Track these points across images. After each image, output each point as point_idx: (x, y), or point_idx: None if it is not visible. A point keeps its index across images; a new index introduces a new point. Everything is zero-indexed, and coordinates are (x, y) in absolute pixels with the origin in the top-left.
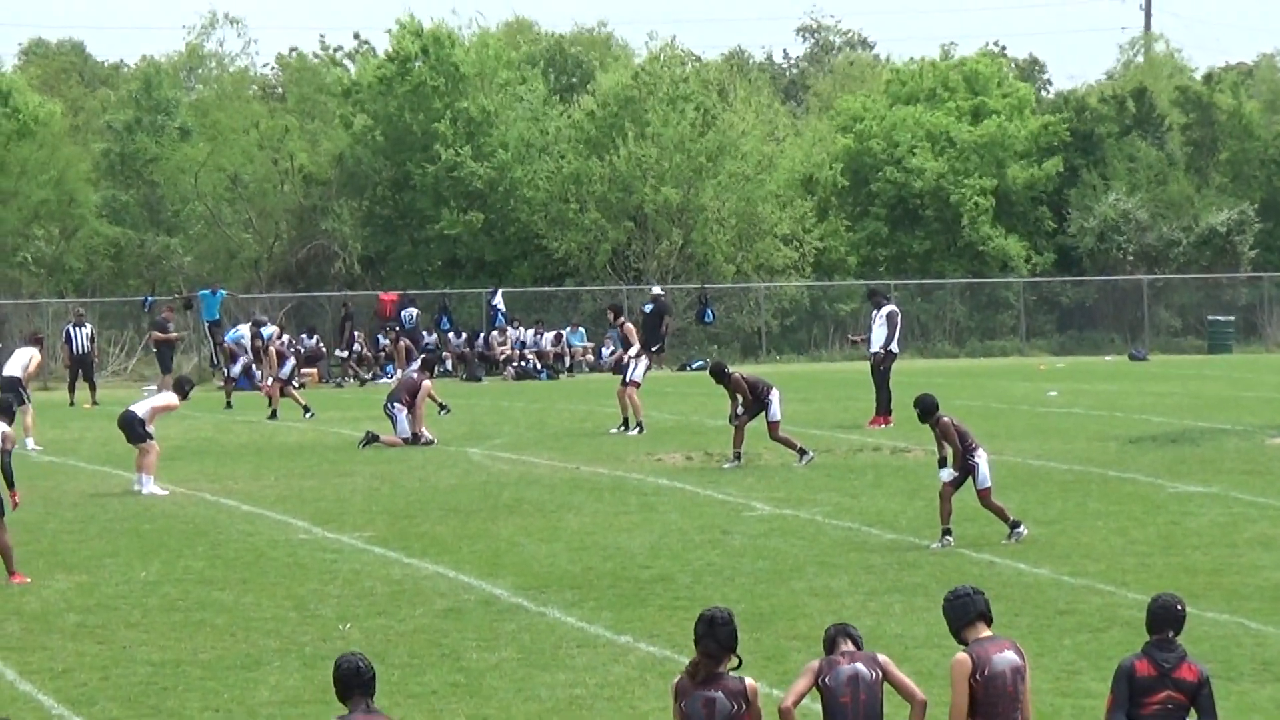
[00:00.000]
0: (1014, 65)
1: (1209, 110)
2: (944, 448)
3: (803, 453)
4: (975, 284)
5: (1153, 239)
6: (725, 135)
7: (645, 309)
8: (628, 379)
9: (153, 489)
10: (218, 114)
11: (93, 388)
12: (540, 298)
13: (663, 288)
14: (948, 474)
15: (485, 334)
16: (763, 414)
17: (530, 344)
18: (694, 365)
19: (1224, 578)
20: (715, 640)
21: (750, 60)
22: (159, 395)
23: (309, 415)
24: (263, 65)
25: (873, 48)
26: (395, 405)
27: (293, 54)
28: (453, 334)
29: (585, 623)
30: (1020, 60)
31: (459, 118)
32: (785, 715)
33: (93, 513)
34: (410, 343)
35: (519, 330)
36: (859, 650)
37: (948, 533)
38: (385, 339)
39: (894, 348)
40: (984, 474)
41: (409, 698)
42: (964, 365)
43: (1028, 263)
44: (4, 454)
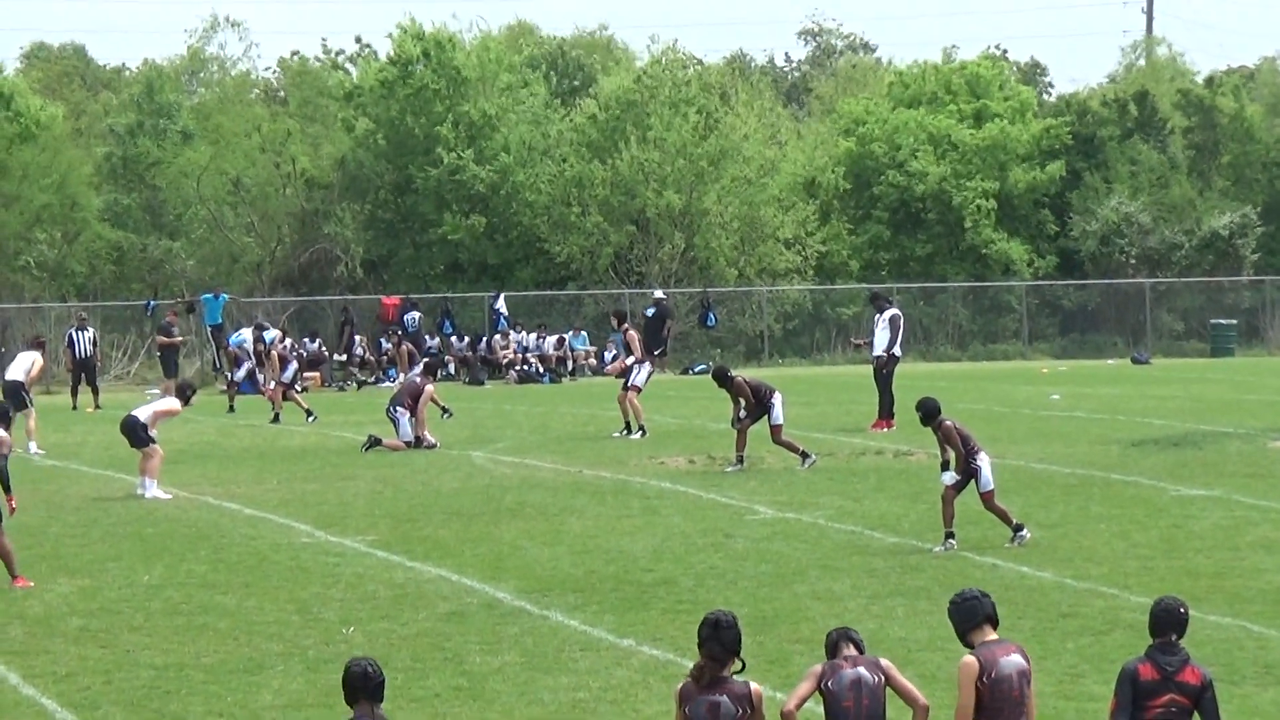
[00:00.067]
0: (1016, 69)
1: (1210, 113)
2: (946, 451)
3: (805, 456)
4: (977, 287)
5: (1155, 242)
6: (727, 139)
7: (647, 312)
8: (629, 384)
9: (156, 493)
10: (219, 118)
11: (95, 392)
12: (542, 301)
13: (665, 291)
14: (950, 477)
15: (488, 338)
16: (765, 418)
17: (533, 348)
18: (696, 369)
19: (1226, 581)
20: (720, 643)
21: (752, 64)
22: (161, 400)
23: (311, 419)
24: (264, 69)
25: (874, 51)
26: (398, 409)
27: (294, 58)
28: (455, 338)
29: (588, 626)
30: (1022, 63)
31: (461, 121)
32: (787, 718)
33: (95, 516)
34: (412, 346)
35: (521, 334)
36: (861, 655)
37: (950, 536)
38: (387, 343)
39: (897, 351)
40: (986, 477)
41: (412, 701)
42: (966, 369)
43: (1030, 266)
44: (1, 459)
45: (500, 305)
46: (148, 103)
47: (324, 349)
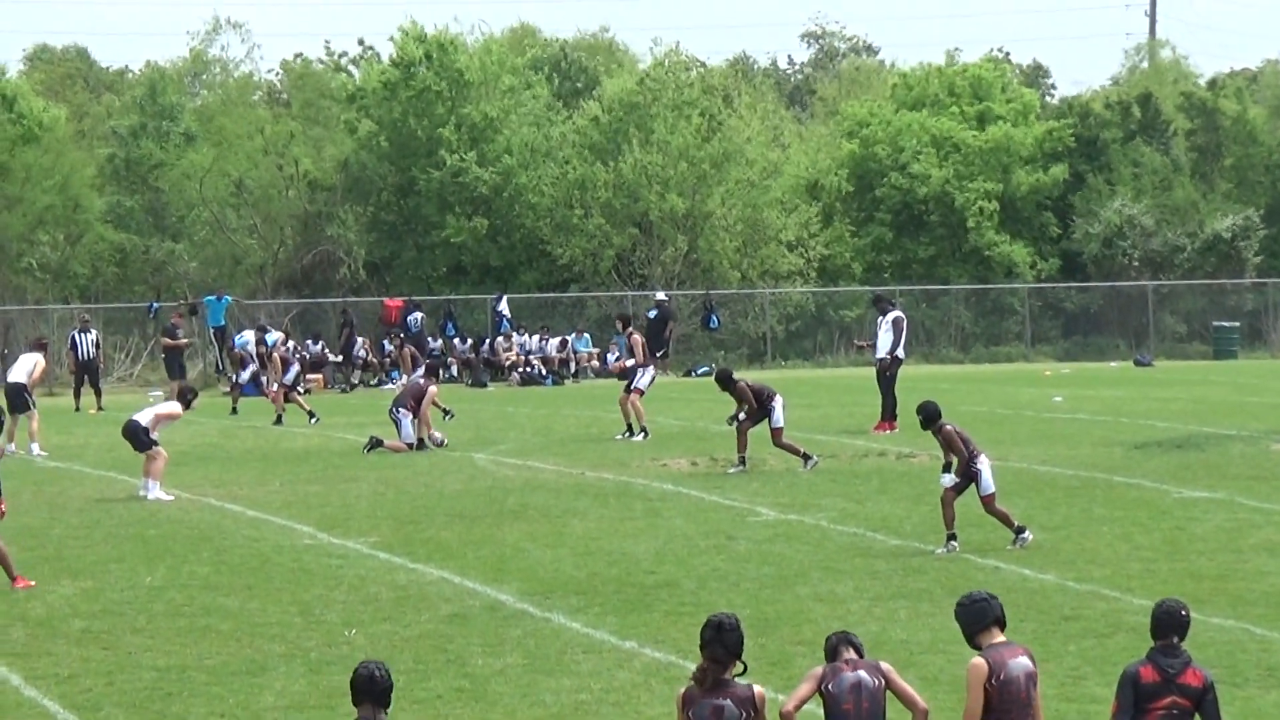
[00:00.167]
0: (1018, 71)
1: (1213, 116)
2: (949, 454)
3: (807, 458)
4: (980, 290)
5: (1158, 245)
6: (730, 142)
7: (649, 314)
8: (632, 386)
9: (158, 494)
10: (222, 120)
11: (98, 393)
12: (545, 304)
13: (667, 293)
14: (949, 479)
15: (490, 340)
16: (765, 421)
17: (535, 350)
18: (699, 371)
19: (1229, 583)
20: (723, 646)
21: (755, 66)
22: (162, 404)
23: (314, 421)
24: (267, 71)
25: (877, 53)
26: (400, 410)
27: (297, 60)
28: (458, 340)
29: (590, 628)
30: (1024, 66)
31: (463, 123)
32: (786, 719)
33: (98, 518)
34: (415, 348)
35: (524, 336)
36: (861, 658)
37: (953, 537)
38: (390, 345)
39: (900, 353)
40: (987, 480)
41: (414, 703)
42: (969, 371)
43: (1033, 269)
44: None
45: (503, 307)
46: (150, 105)
47: (326, 351)
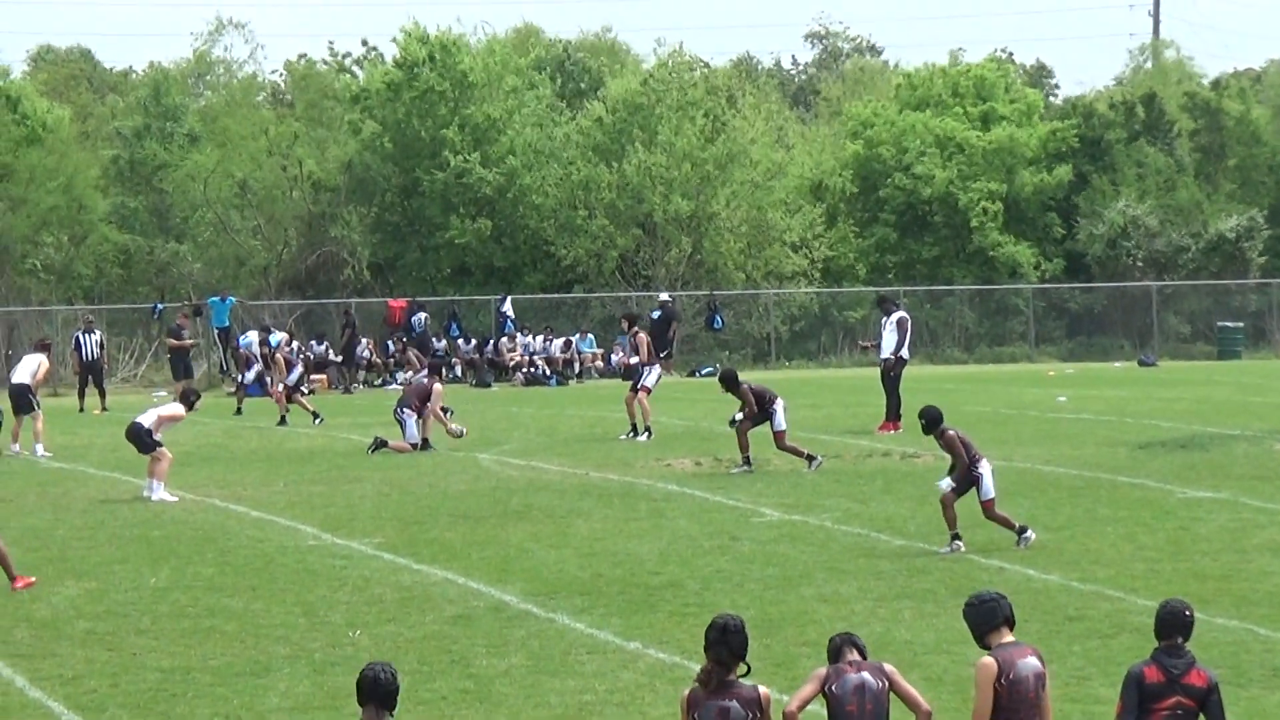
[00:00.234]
0: (1022, 71)
1: (1217, 116)
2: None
3: (811, 459)
4: (984, 290)
5: (1162, 245)
6: (735, 142)
7: (653, 315)
8: (639, 384)
9: (162, 495)
10: (226, 120)
11: (102, 394)
12: (549, 304)
13: (671, 294)
14: (946, 483)
15: (494, 340)
16: (767, 424)
17: (539, 350)
18: (703, 371)
19: (1233, 583)
20: (728, 648)
21: (759, 67)
22: (164, 405)
23: (318, 421)
24: (271, 72)
25: (881, 54)
26: (404, 411)
27: (301, 60)
28: (462, 340)
29: (594, 629)
30: (1028, 66)
31: (466, 124)
32: (789, 719)
33: (102, 519)
34: (418, 349)
35: (528, 336)
36: (865, 660)
37: (957, 537)
38: (394, 347)
39: (904, 353)
40: (987, 485)
41: (419, 704)
42: (973, 371)
43: (1037, 269)
44: None
45: (507, 308)
46: (154, 105)
47: (330, 352)
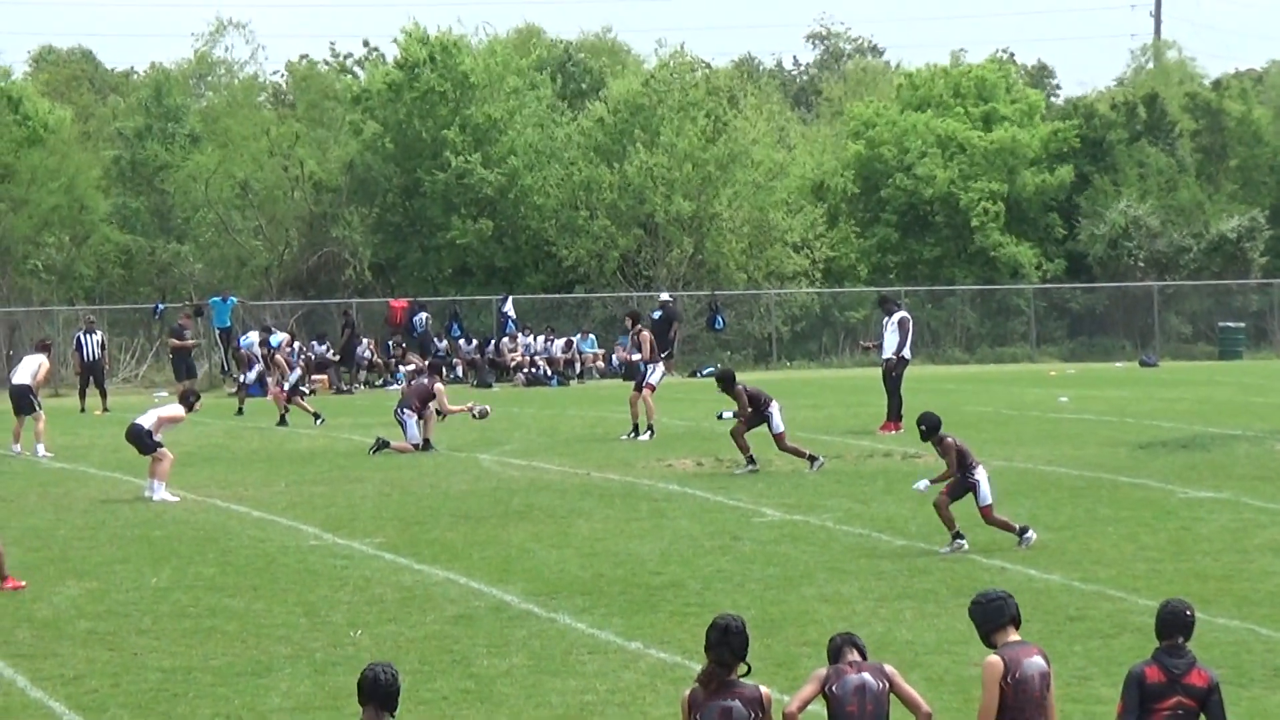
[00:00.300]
0: (1023, 72)
1: (1218, 117)
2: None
3: (813, 459)
4: (986, 290)
5: (1163, 245)
6: (736, 143)
7: (654, 315)
8: (644, 382)
9: (164, 495)
10: (227, 121)
11: (103, 394)
12: (550, 305)
13: (672, 294)
14: (923, 484)
15: (496, 341)
16: (764, 426)
17: (541, 350)
18: (705, 372)
19: (1234, 584)
20: (729, 649)
21: (760, 67)
22: (164, 406)
23: (319, 422)
24: (272, 72)
25: (882, 54)
26: (405, 412)
27: (302, 61)
28: (463, 341)
29: (596, 629)
30: (1029, 67)
31: (467, 125)
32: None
33: (103, 519)
34: (420, 349)
35: (529, 337)
36: (865, 660)
37: (959, 535)
38: (395, 350)
39: (906, 354)
40: (984, 492)
41: (420, 704)
42: (975, 371)
43: (1038, 269)
44: None
45: (508, 308)
46: (155, 106)
47: (332, 352)
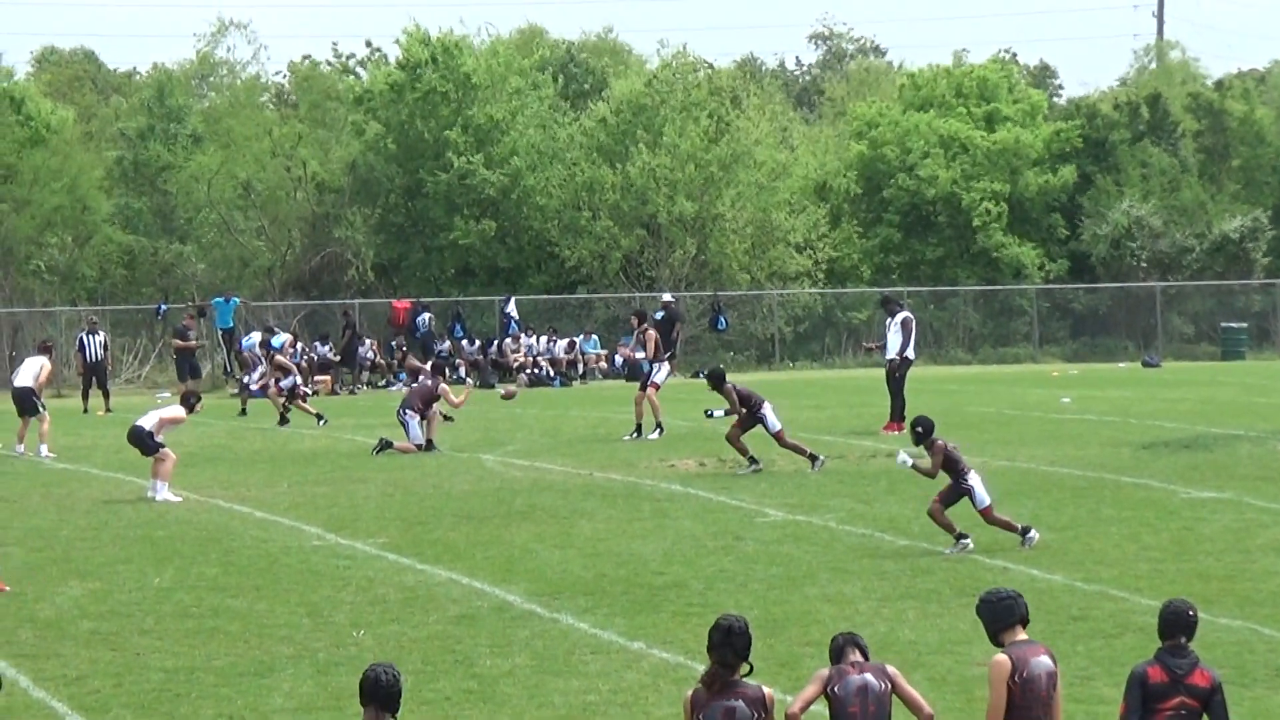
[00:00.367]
0: (1026, 72)
1: (1220, 117)
2: (941, 465)
3: (814, 459)
4: (989, 291)
5: (1166, 246)
6: (739, 143)
7: (656, 316)
8: (649, 381)
9: (166, 495)
10: (230, 121)
11: (106, 395)
12: (553, 305)
13: (675, 295)
14: (902, 459)
15: (498, 341)
16: (759, 427)
17: (543, 351)
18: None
19: (1237, 584)
20: (732, 650)
21: (763, 67)
22: (165, 408)
23: (322, 423)
24: (274, 73)
25: (885, 54)
26: (408, 413)
27: (305, 62)
28: (466, 341)
29: (598, 629)
30: (1032, 67)
31: (470, 125)
32: None
33: (106, 519)
34: (422, 349)
35: (532, 337)
36: (867, 661)
37: (961, 536)
38: (396, 351)
39: (909, 354)
40: (980, 495)
41: (422, 704)
42: (977, 372)
43: (1041, 270)
44: None
45: (511, 309)
46: (158, 107)
47: (334, 353)
